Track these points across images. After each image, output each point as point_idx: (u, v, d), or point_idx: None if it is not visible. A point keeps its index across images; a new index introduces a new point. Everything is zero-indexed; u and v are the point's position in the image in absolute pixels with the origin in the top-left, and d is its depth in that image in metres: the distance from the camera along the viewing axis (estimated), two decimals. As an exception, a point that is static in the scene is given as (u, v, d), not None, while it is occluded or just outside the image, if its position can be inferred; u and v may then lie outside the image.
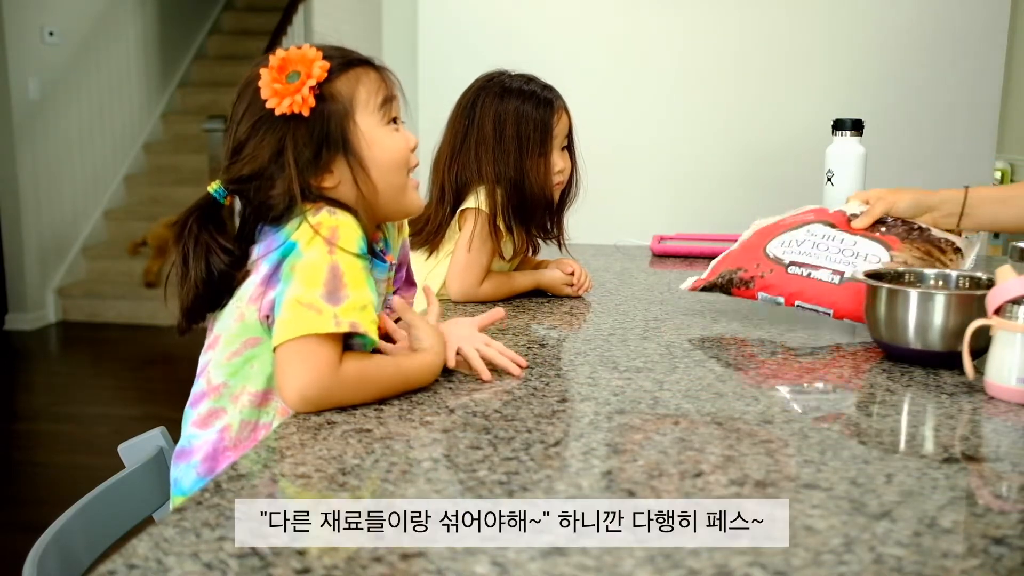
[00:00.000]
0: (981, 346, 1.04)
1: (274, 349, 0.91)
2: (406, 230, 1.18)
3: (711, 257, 2.01)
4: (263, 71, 0.97)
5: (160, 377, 4.29)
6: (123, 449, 1.05)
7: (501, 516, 0.68)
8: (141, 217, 5.71)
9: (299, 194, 0.96)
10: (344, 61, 1.00)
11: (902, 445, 0.87)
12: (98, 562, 0.81)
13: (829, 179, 1.85)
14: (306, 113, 0.95)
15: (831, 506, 0.71)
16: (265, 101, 0.95)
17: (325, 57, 0.98)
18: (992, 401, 1.00)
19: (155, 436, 1.06)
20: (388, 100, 1.03)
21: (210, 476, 0.96)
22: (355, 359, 0.93)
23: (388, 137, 1.02)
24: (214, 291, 0.98)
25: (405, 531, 0.66)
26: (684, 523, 0.68)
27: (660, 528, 0.67)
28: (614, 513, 0.69)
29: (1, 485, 3.04)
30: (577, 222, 1.63)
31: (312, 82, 0.95)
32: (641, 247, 2.16)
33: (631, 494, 0.73)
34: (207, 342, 1.01)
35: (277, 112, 0.95)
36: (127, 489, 0.99)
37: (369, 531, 0.66)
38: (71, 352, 4.96)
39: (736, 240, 1.51)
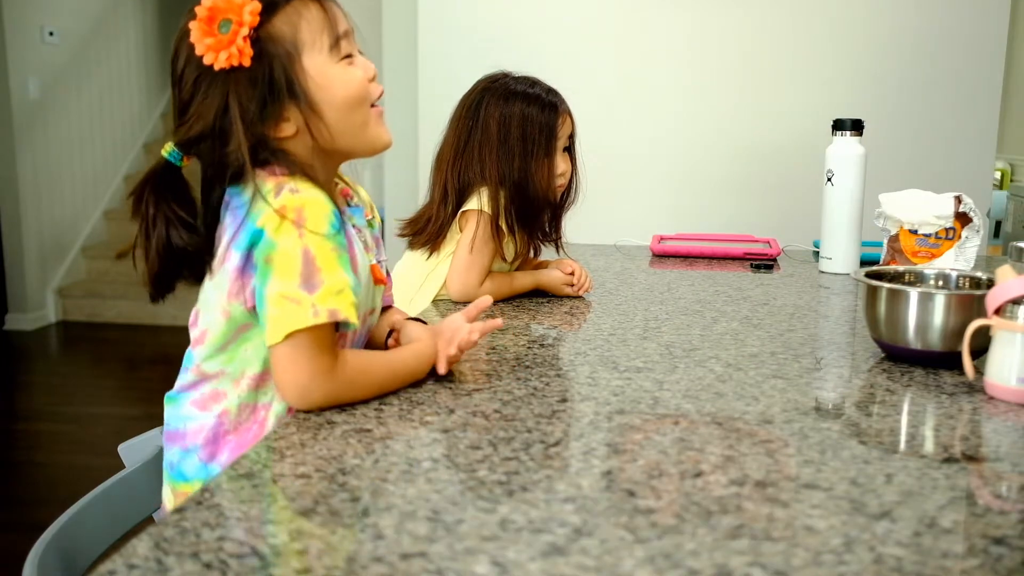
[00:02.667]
0: (981, 346, 1.04)
1: (269, 347, 0.91)
2: (378, 218, 1.13)
3: (711, 257, 2.02)
4: (192, 24, 0.91)
5: (160, 377, 4.29)
6: (123, 449, 1.05)
7: (501, 516, 0.68)
8: (141, 217, 5.71)
9: (247, 153, 0.90)
10: (276, 1, 0.93)
11: (902, 445, 0.87)
12: (98, 562, 0.82)
13: (829, 179, 1.85)
14: (246, 63, 0.90)
15: (831, 506, 0.71)
16: (202, 57, 0.90)
17: None
18: (992, 401, 1.00)
19: (155, 436, 1.06)
20: (338, 39, 0.96)
21: (213, 461, 0.96)
22: (351, 355, 0.93)
23: (342, 73, 0.95)
24: (177, 263, 0.94)
25: (405, 531, 0.66)
26: (684, 523, 0.67)
27: (660, 528, 0.67)
28: (614, 513, 0.69)
29: (1, 485, 3.04)
30: (577, 222, 1.63)
31: (245, 30, 0.89)
32: (641, 247, 2.16)
33: (631, 494, 0.73)
34: (194, 336, 0.98)
35: (216, 68, 0.90)
36: (127, 489, 0.99)
37: (369, 531, 0.66)
38: (71, 352, 4.96)
39: (735, 240, 1.51)
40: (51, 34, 5.26)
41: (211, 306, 0.96)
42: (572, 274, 1.56)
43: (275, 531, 0.66)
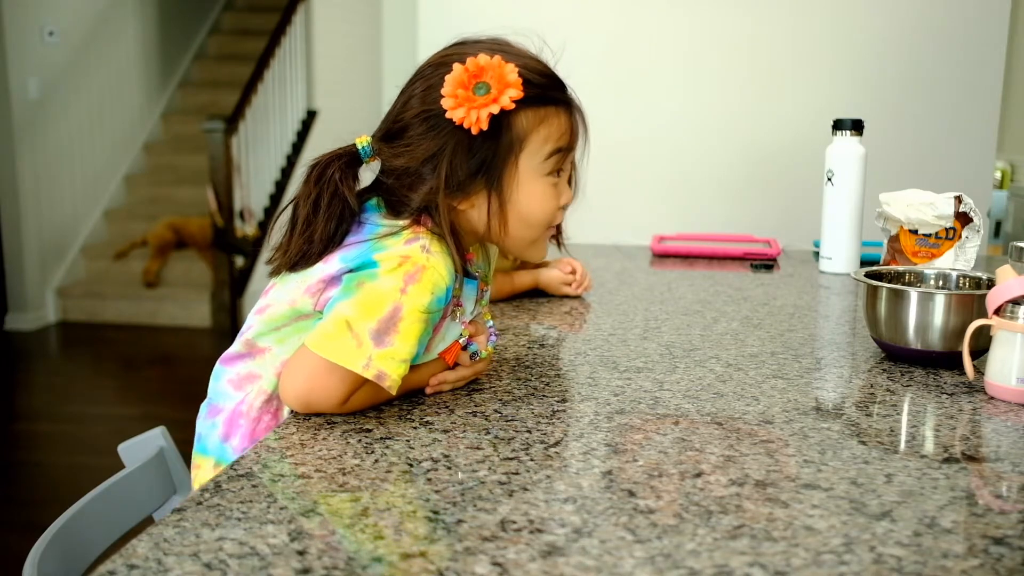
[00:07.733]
0: (981, 346, 1.04)
1: (305, 345, 0.90)
2: (495, 254, 1.12)
3: (711, 257, 2.02)
4: (456, 66, 0.90)
5: (160, 377, 4.29)
6: (123, 449, 1.05)
7: (501, 516, 0.68)
8: (141, 217, 5.72)
9: (438, 209, 0.91)
10: (539, 95, 0.94)
11: (902, 445, 0.87)
12: (98, 562, 0.81)
13: (829, 179, 1.85)
14: (475, 131, 0.90)
15: (831, 506, 0.71)
16: (442, 98, 0.90)
17: (526, 82, 0.91)
18: (992, 401, 1.00)
19: (155, 436, 1.06)
20: (562, 151, 0.96)
21: (227, 441, 0.96)
22: (363, 390, 0.91)
23: (542, 191, 0.96)
24: (324, 246, 0.92)
25: (405, 531, 0.66)
26: (684, 523, 0.67)
27: (660, 528, 0.67)
28: (614, 513, 0.69)
29: (1, 485, 3.04)
30: (577, 222, 1.62)
31: (495, 108, 0.89)
32: (641, 247, 2.16)
33: (631, 494, 0.73)
34: (259, 304, 0.98)
35: (447, 115, 0.90)
36: (127, 489, 0.99)
37: (369, 532, 0.66)
38: (71, 352, 4.96)
39: (735, 240, 1.51)
40: (51, 34, 5.27)
41: (286, 288, 0.95)
42: (572, 273, 1.56)
43: (275, 531, 0.66)
